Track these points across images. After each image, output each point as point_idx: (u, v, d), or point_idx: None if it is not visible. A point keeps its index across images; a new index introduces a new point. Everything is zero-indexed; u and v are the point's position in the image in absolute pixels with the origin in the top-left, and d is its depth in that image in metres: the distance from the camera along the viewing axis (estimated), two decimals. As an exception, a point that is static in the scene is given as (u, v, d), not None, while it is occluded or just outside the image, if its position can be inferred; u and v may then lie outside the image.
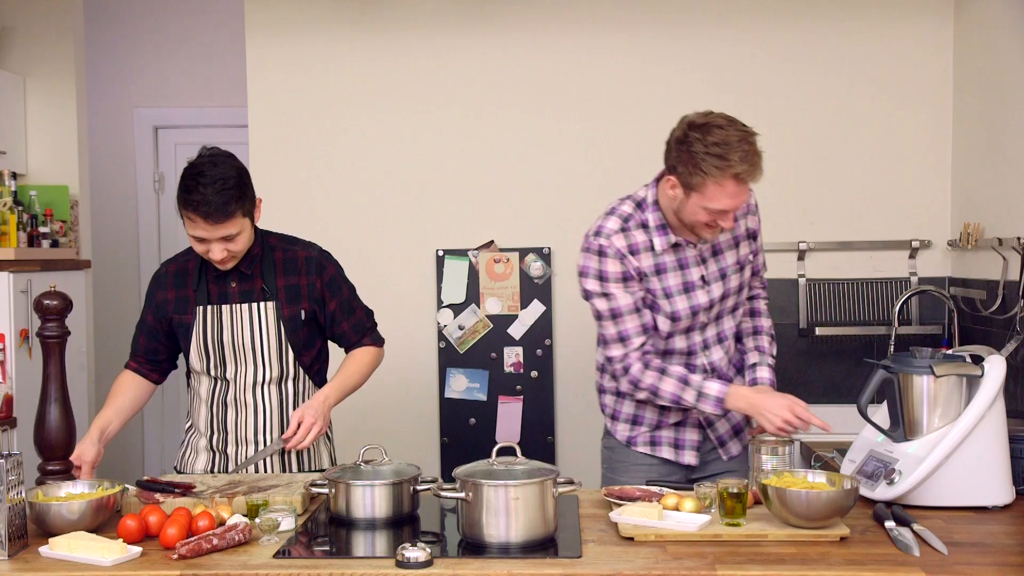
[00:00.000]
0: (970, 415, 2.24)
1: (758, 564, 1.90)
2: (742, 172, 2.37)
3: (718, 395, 2.51)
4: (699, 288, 2.59)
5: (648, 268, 2.56)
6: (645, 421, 2.71)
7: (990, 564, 1.92)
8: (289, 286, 2.69)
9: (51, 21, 4.70)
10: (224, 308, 2.66)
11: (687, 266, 2.58)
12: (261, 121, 4.23)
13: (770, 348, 2.74)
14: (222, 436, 2.70)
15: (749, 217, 2.65)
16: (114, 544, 1.99)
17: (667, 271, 2.57)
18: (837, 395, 4.09)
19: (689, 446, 2.69)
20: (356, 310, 2.82)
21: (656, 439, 2.72)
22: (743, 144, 2.38)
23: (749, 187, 2.46)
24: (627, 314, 2.55)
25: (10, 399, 3.92)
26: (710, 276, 2.60)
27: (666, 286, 2.57)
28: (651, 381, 2.56)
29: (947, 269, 4.11)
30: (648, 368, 2.56)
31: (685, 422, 2.69)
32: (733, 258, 2.62)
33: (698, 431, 2.69)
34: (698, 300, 2.59)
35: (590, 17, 4.17)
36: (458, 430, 4.17)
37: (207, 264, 2.67)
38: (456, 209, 4.22)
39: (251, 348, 2.66)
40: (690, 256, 2.58)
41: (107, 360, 5.28)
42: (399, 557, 1.92)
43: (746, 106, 4.13)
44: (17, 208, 4.23)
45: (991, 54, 3.73)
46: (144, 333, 2.77)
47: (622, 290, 2.54)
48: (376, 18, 4.22)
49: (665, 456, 2.70)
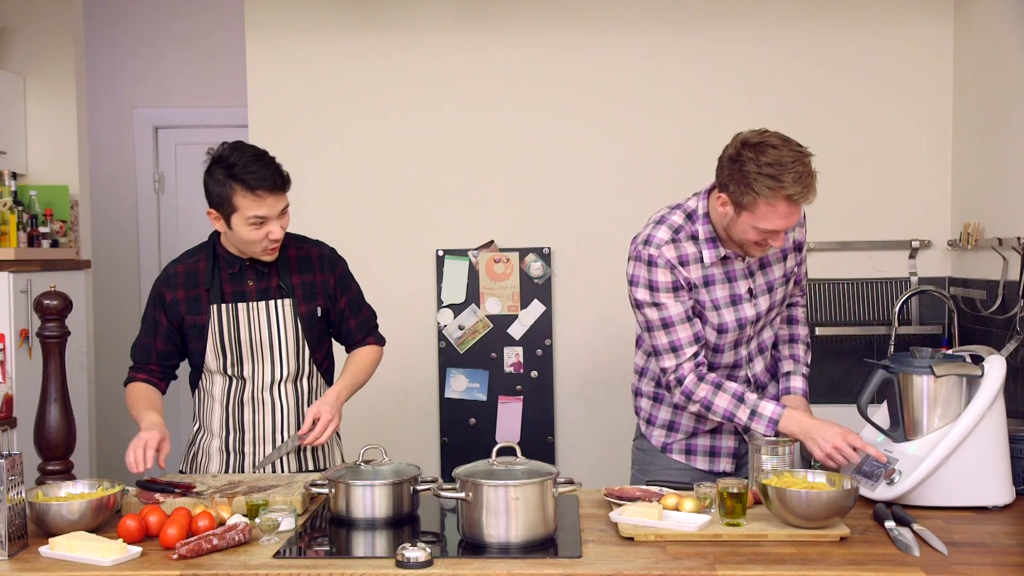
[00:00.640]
0: (970, 415, 2.24)
1: (758, 564, 1.90)
2: (795, 194, 2.31)
3: (772, 416, 2.46)
4: (746, 301, 2.55)
5: (697, 279, 2.52)
6: (681, 428, 2.69)
7: (990, 564, 1.92)
8: (305, 283, 2.71)
9: (51, 21, 4.70)
10: (240, 306, 2.66)
11: (735, 279, 2.54)
12: (261, 121, 4.23)
13: (805, 357, 2.71)
14: (238, 436, 2.70)
15: (798, 229, 2.61)
16: (114, 544, 1.99)
17: (715, 283, 2.53)
18: (837, 395, 4.09)
19: (725, 453, 2.68)
20: (363, 308, 2.85)
21: (691, 447, 2.69)
22: (797, 165, 2.32)
23: (801, 208, 2.40)
24: (678, 323, 2.51)
25: (10, 399, 3.92)
26: (758, 290, 2.57)
27: (714, 298, 2.53)
28: (704, 394, 2.51)
29: (947, 269, 4.11)
30: (702, 381, 2.52)
31: (721, 428, 2.66)
32: (780, 271, 2.59)
33: (735, 438, 2.67)
34: (745, 313, 2.55)
35: (591, 17, 4.17)
36: (458, 430, 4.17)
37: (220, 263, 2.67)
38: (456, 209, 4.22)
39: (269, 345, 2.67)
40: (738, 269, 2.54)
41: (107, 360, 5.29)
42: (399, 557, 1.92)
43: (746, 106, 4.14)
44: (17, 208, 4.23)
45: (991, 54, 3.73)
46: (160, 337, 2.71)
47: (673, 299, 2.50)
48: (376, 18, 4.22)
49: (699, 467, 2.68)
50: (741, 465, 2.69)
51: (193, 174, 5.74)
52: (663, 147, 4.15)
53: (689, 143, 4.14)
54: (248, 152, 2.56)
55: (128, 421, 2.75)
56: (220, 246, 2.68)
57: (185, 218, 5.75)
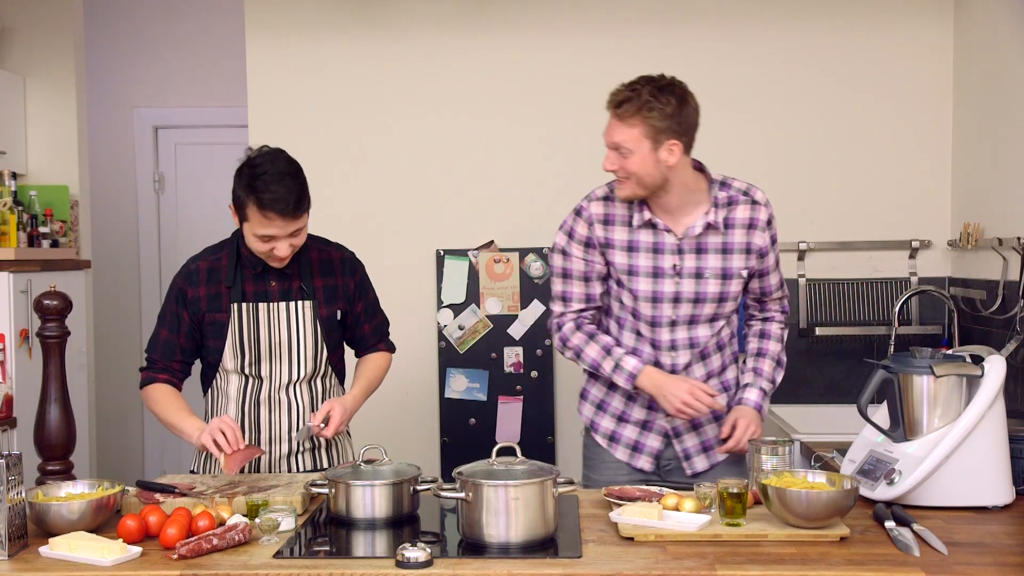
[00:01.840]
0: (970, 415, 2.24)
1: (758, 564, 1.90)
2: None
3: (632, 371, 2.55)
4: (668, 277, 2.56)
5: (620, 242, 2.57)
6: (609, 409, 2.70)
7: (990, 564, 1.91)
8: (327, 286, 2.72)
9: (51, 21, 4.70)
10: (261, 306, 2.65)
11: (662, 251, 2.56)
12: (261, 121, 4.23)
13: (771, 373, 2.67)
14: (254, 435, 2.69)
15: (755, 232, 2.59)
16: (114, 544, 1.99)
17: (639, 250, 2.57)
18: (837, 395, 4.10)
19: (648, 452, 2.67)
20: (378, 315, 2.86)
21: (616, 436, 2.70)
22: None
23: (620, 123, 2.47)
24: (576, 279, 2.62)
25: (10, 399, 3.92)
26: (684, 270, 2.56)
27: (633, 264, 2.57)
28: (578, 343, 2.63)
29: (947, 269, 4.11)
30: (579, 330, 2.63)
31: (651, 427, 2.66)
32: (717, 263, 2.57)
33: (662, 440, 2.67)
34: (663, 288, 2.56)
35: (591, 18, 4.17)
36: (458, 430, 4.17)
37: (242, 261, 2.66)
38: (456, 209, 4.22)
39: (287, 346, 2.66)
40: (668, 243, 2.56)
41: (107, 360, 5.29)
42: (399, 557, 1.92)
43: (745, 106, 4.15)
44: (17, 208, 4.23)
45: (991, 54, 3.73)
46: (183, 335, 2.68)
47: (581, 254, 2.60)
48: (376, 18, 4.22)
49: (619, 457, 2.69)
50: (663, 467, 2.69)
51: (193, 174, 5.76)
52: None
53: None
54: (278, 166, 2.52)
55: (128, 421, 2.76)
56: (243, 245, 2.67)
57: (185, 218, 5.75)
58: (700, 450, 2.68)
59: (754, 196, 2.61)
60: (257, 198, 2.49)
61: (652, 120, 2.44)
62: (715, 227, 2.56)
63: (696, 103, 2.54)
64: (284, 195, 2.49)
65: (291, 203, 2.50)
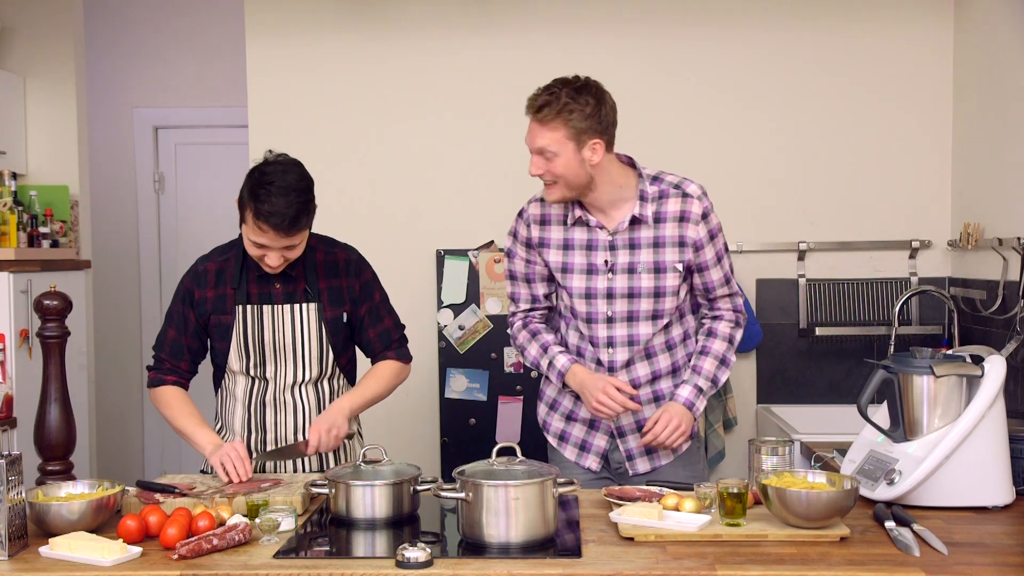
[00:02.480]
0: (970, 415, 2.24)
1: (758, 564, 1.90)
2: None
3: (561, 369, 2.63)
4: (601, 273, 2.59)
5: (556, 241, 2.63)
6: (560, 408, 2.74)
7: (990, 564, 1.91)
8: (331, 288, 2.70)
9: (51, 21, 4.70)
10: (266, 308, 2.64)
11: (595, 248, 2.60)
12: (261, 121, 4.23)
13: (711, 370, 2.62)
14: (260, 436, 2.69)
15: (687, 225, 2.56)
16: (114, 544, 1.99)
17: (574, 248, 2.61)
18: (837, 395, 4.10)
19: (595, 452, 2.69)
20: (384, 319, 2.78)
21: (565, 435, 2.73)
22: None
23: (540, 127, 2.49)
24: (519, 280, 2.72)
25: (10, 399, 3.92)
26: (616, 265, 2.58)
27: (568, 262, 2.61)
28: (522, 341, 2.72)
29: (947, 269, 4.11)
30: (524, 328, 2.72)
31: (597, 426, 2.68)
32: (649, 256, 2.57)
33: (608, 440, 2.68)
34: (596, 284, 2.59)
35: (590, 18, 4.17)
36: (458, 430, 4.17)
37: (249, 263, 2.66)
38: (456, 209, 4.22)
39: (292, 349, 2.66)
40: (600, 239, 2.59)
41: (107, 360, 5.29)
42: (399, 557, 1.92)
43: (746, 107, 4.15)
44: (17, 208, 4.23)
45: (991, 54, 3.73)
46: (189, 335, 2.68)
47: (521, 255, 2.68)
48: (376, 18, 4.22)
49: (568, 456, 2.71)
50: (614, 469, 2.70)
51: (193, 174, 5.76)
52: (664, 147, 4.15)
53: (690, 143, 4.14)
54: (285, 180, 2.48)
55: (128, 421, 2.76)
56: None
57: (185, 218, 5.75)
58: (643, 451, 2.68)
59: (685, 189, 2.59)
60: (255, 206, 2.47)
61: (573, 121, 2.47)
62: (643, 221, 2.57)
63: (612, 101, 2.57)
64: (282, 210, 2.46)
65: (287, 219, 2.46)
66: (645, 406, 2.65)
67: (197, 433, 2.59)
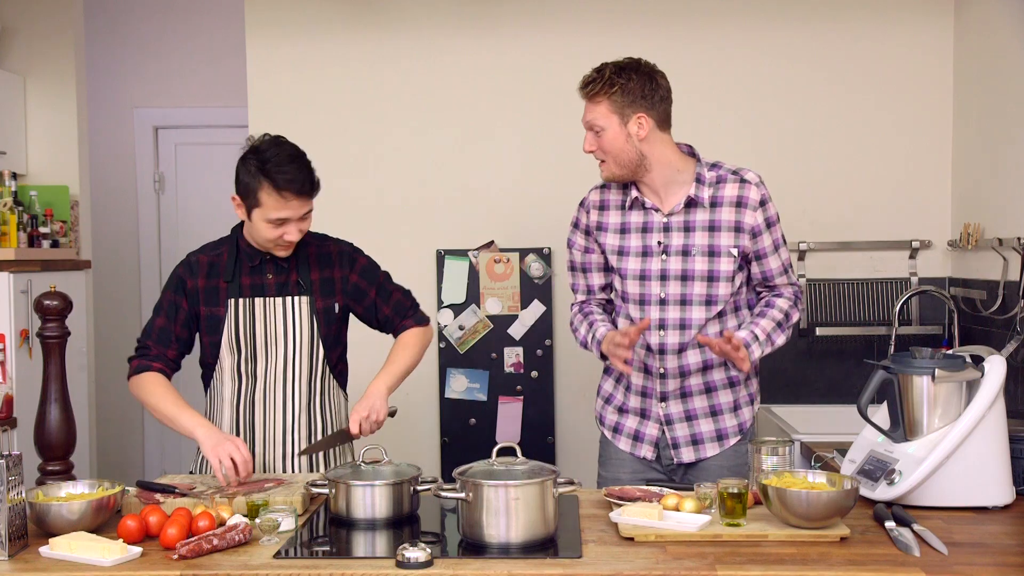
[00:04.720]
0: (970, 415, 2.24)
1: (758, 564, 1.90)
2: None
3: (599, 337, 2.68)
4: (655, 254, 2.62)
5: (613, 225, 2.68)
6: (614, 401, 2.80)
7: (990, 564, 1.92)
8: (323, 279, 2.72)
9: (51, 21, 4.70)
10: (257, 301, 2.66)
11: (650, 230, 2.64)
12: (261, 121, 4.23)
13: (768, 328, 2.61)
14: (249, 437, 2.68)
15: (744, 211, 2.59)
16: (114, 544, 1.99)
17: (630, 232, 2.66)
18: (837, 395, 4.10)
19: (648, 441, 2.73)
20: (393, 292, 2.83)
21: (619, 427, 2.78)
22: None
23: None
24: (577, 271, 2.81)
25: (10, 399, 3.92)
26: (671, 247, 2.61)
27: (624, 244, 2.66)
28: (575, 323, 2.80)
29: (947, 269, 4.11)
30: (579, 313, 2.80)
31: (648, 415, 2.72)
32: (704, 240, 2.60)
33: (659, 428, 2.72)
34: (651, 266, 2.62)
35: (591, 18, 4.17)
36: (458, 430, 4.17)
37: (241, 257, 2.68)
38: (456, 209, 4.22)
39: (283, 340, 2.66)
40: (655, 221, 2.63)
41: (107, 360, 5.29)
42: (399, 557, 1.92)
43: (746, 107, 4.15)
44: (17, 208, 4.23)
45: (991, 54, 3.73)
46: (179, 323, 2.68)
47: (580, 244, 2.76)
48: (376, 18, 4.22)
49: (622, 447, 2.76)
50: (662, 460, 2.73)
51: (193, 174, 5.76)
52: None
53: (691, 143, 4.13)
54: (285, 150, 2.58)
55: (128, 421, 2.76)
56: (242, 239, 2.69)
57: (185, 218, 5.75)
58: (689, 441, 2.71)
59: (744, 175, 2.63)
60: (272, 180, 2.52)
61: (616, 95, 2.55)
62: (699, 202, 2.59)
63: (666, 81, 2.62)
64: (297, 175, 2.55)
65: (306, 183, 2.57)
66: (695, 397, 2.68)
67: (182, 414, 2.53)
